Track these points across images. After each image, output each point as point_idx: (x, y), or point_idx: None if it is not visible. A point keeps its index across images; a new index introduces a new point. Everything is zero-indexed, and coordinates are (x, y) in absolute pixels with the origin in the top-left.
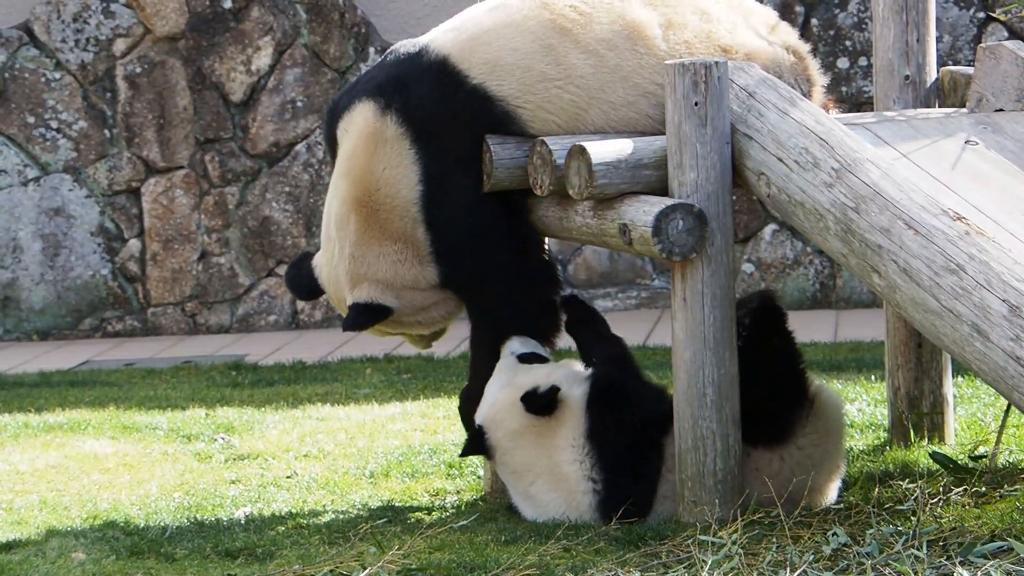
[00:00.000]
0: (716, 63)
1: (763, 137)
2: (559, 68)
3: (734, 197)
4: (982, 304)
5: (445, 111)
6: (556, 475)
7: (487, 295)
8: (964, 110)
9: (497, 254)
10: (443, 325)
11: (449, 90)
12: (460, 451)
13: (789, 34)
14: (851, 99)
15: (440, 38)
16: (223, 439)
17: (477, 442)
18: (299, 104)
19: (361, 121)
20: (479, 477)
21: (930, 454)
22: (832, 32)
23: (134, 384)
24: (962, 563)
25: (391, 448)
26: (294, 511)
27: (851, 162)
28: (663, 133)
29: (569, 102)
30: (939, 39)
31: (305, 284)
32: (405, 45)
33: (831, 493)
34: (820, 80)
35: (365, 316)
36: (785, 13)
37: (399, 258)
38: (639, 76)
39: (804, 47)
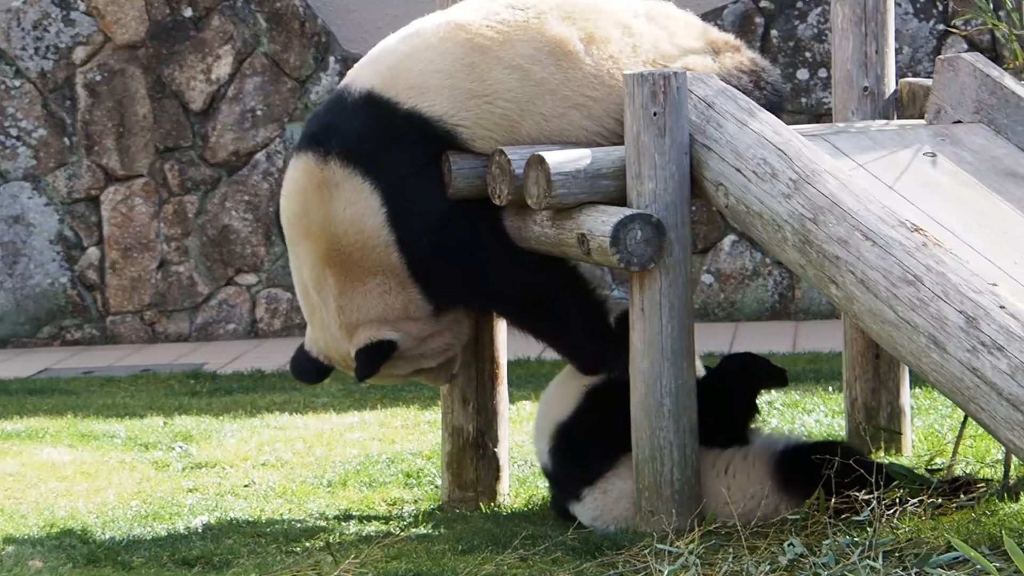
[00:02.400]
0: (675, 74)
1: (721, 148)
2: (485, 84)
3: (693, 208)
4: (939, 315)
5: (386, 137)
6: None
7: (486, 295)
8: (922, 122)
9: (471, 255)
10: (449, 355)
11: (384, 119)
12: None
13: (715, 34)
14: (810, 110)
15: (359, 75)
16: (181, 447)
17: None
18: (259, 113)
19: (303, 177)
20: (436, 487)
21: (887, 465)
22: (792, 43)
23: (92, 392)
24: (918, 574)
25: (349, 457)
26: (251, 520)
27: (809, 173)
28: (598, 144)
29: (501, 116)
30: (898, 51)
31: (310, 368)
32: (331, 94)
33: None
34: (766, 68)
35: (372, 357)
36: (745, 24)
37: (384, 290)
38: (567, 89)
39: (736, 41)
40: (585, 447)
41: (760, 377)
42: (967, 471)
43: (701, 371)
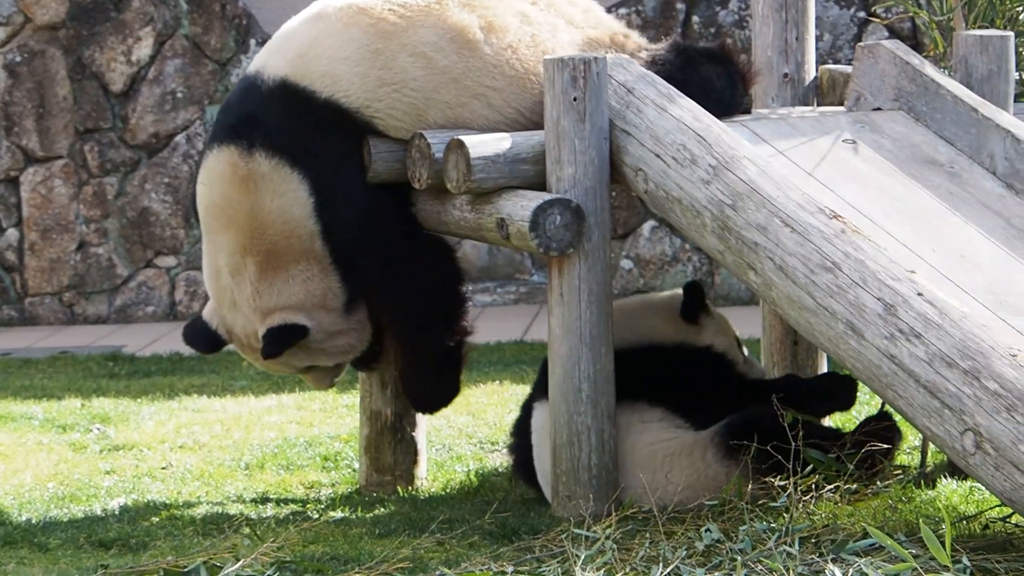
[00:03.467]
0: (595, 59)
1: (641, 133)
2: (392, 72)
3: (612, 193)
4: (857, 302)
5: (308, 126)
6: None
7: (392, 290)
8: (842, 109)
9: (393, 245)
10: (347, 357)
11: (303, 108)
12: None
13: (611, 22)
14: None
15: (268, 62)
16: (99, 429)
17: None
18: (179, 95)
19: (227, 169)
20: (354, 470)
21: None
22: (713, 30)
23: (10, 374)
24: (834, 560)
25: (267, 440)
26: (168, 502)
27: (728, 159)
28: (499, 132)
29: (409, 104)
30: (819, 38)
31: (203, 337)
32: (241, 81)
33: None
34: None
35: (282, 337)
36: (666, 10)
37: (307, 276)
38: (468, 79)
39: (625, 30)
40: None
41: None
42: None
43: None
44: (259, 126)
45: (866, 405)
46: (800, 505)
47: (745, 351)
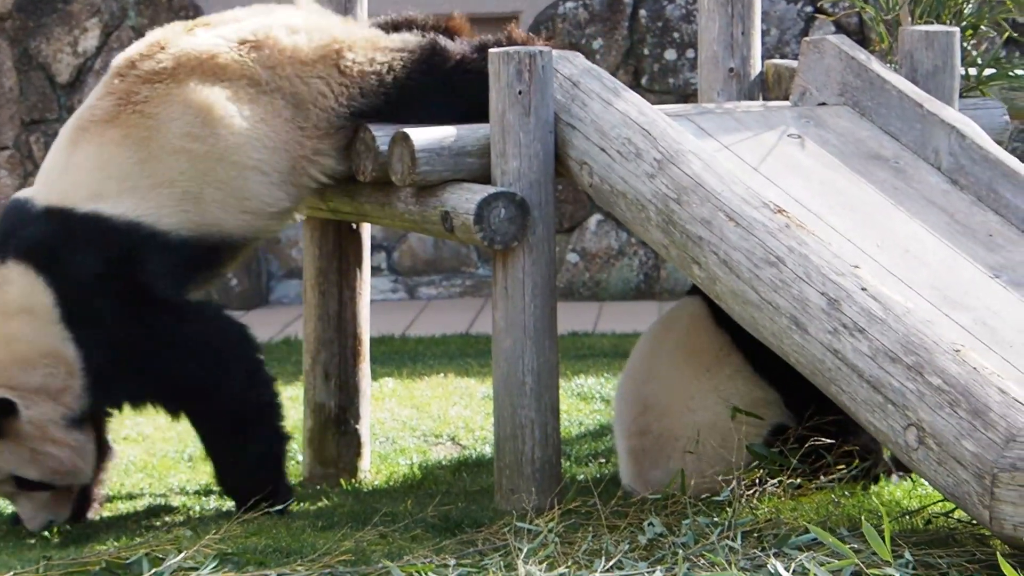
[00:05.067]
0: (541, 52)
1: (586, 127)
2: (160, 175)
3: (559, 187)
4: (801, 297)
5: (64, 238)
6: None
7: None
8: (787, 103)
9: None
10: (56, 479)
11: (62, 222)
12: None
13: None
14: (678, 91)
15: (35, 192)
16: None
17: None
18: None
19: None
20: (298, 463)
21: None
22: (660, 24)
23: None
24: (776, 554)
25: None
26: (111, 494)
27: (673, 153)
28: (283, 201)
29: (183, 195)
30: (766, 32)
31: None
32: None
33: None
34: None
35: None
36: (614, 4)
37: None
38: (236, 155)
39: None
40: None
41: None
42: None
43: None
44: (15, 239)
45: None
46: (743, 500)
47: None
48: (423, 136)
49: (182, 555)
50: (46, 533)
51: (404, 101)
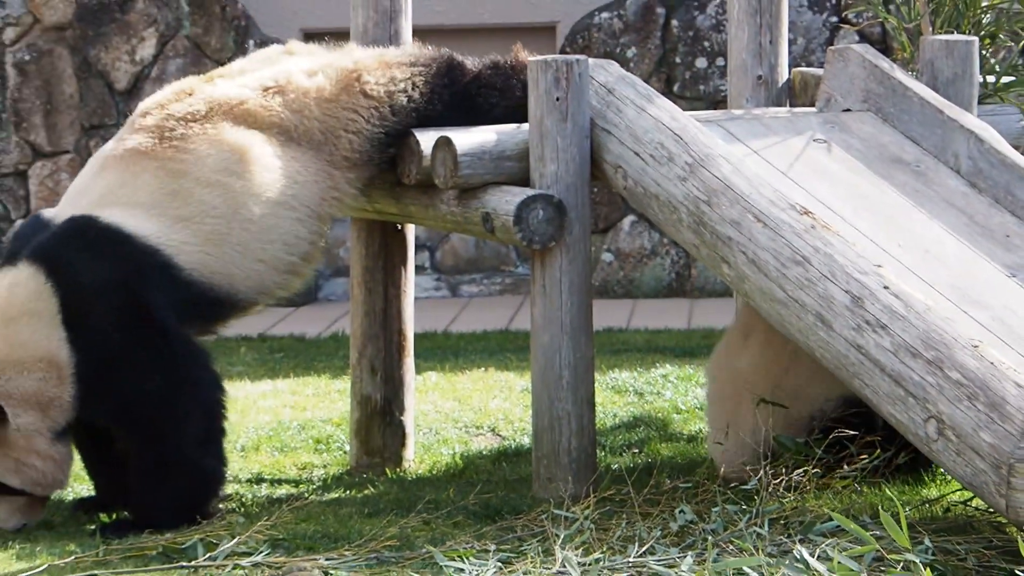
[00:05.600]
0: (577, 60)
1: (621, 132)
2: (191, 208)
3: (595, 189)
4: (826, 295)
5: (82, 247)
6: None
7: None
8: (813, 109)
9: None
10: (36, 490)
11: (83, 231)
12: None
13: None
14: (708, 97)
15: (60, 212)
16: None
17: None
18: None
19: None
20: (345, 452)
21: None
22: (691, 33)
23: None
24: (801, 541)
25: (262, 423)
26: None
27: (704, 157)
28: (311, 240)
29: (209, 233)
30: (793, 41)
31: None
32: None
33: None
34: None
35: None
36: (646, 14)
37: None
38: (269, 192)
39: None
40: None
41: None
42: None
43: None
44: (31, 243)
45: None
46: (770, 489)
47: None
48: (465, 141)
49: (235, 540)
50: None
51: (431, 118)
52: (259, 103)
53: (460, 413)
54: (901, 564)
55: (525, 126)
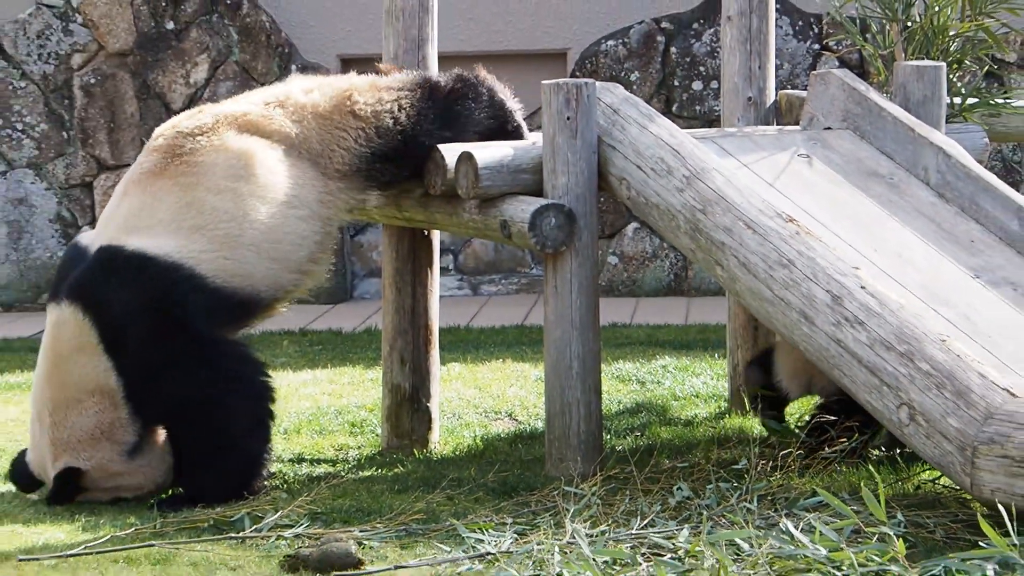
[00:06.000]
0: (586, 83)
1: (625, 148)
2: (204, 216)
3: (601, 199)
4: (809, 294)
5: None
6: None
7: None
8: (798, 128)
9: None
10: (143, 491)
11: (111, 262)
12: None
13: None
14: (703, 117)
15: (94, 240)
16: None
17: None
18: None
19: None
20: (377, 435)
21: (762, 421)
22: (688, 59)
23: None
24: (787, 515)
25: (302, 409)
26: None
27: (699, 170)
28: (315, 236)
29: (224, 238)
30: (779, 67)
31: (25, 477)
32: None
33: None
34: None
35: (64, 485)
36: (648, 42)
37: (98, 409)
38: (274, 193)
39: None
40: None
41: None
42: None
43: None
44: (68, 280)
45: None
46: (759, 468)
47: None
48: (485, 155)
49: (278, 514)
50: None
51: (417, 136)
52: (261, 113)
53: (480, 400)
54: (876, 536)
55: (539, 143)
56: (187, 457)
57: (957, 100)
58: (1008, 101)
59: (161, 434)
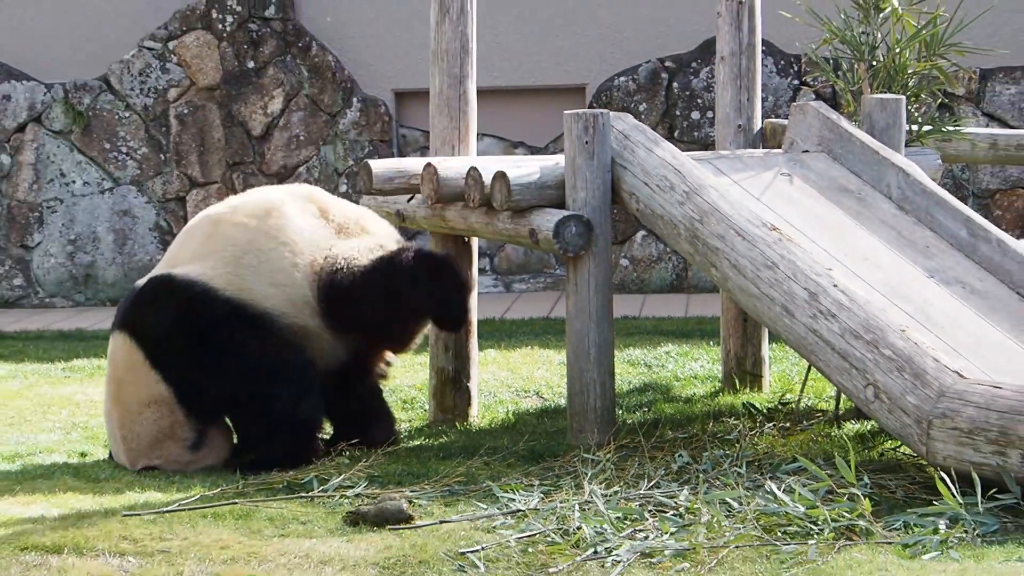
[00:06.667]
0: (601, 113)
1: (634, 167)
2: (217, 242)
3: (615, 211)
4: (789, 291)
5: (154, 303)
6: None
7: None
8: (780, 151)
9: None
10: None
11: (157, 290)
12: None
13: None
14: (700, 141)
15: (157, 272)
16: None
17: None
18: (301, 138)
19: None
20: (425, 411)
21: (743, 404)
22: (688, 93)
23: None
24: (771, 478)
25: None
26: None
27: (697, 187)
28: (301, 279)
29: (229, 258)
30: (765, 99)
31: None
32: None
33: None
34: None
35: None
36: (653, 78)
37: (157, 416)
38: (281, 234)
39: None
40: None
41: None
42: (809, 404)
43: None
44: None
45: (796, 367)
46: (747, 438)
47: None
48: (516, 174)
49: (341, 477)
50: (242, 464)
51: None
52: (287, 192)
53: (512, 380)
54: (847, 495)
55: (562, 163)
56: (244, 431)
57: (915, 127)
58: (958, 128)
59: (222, 424)
